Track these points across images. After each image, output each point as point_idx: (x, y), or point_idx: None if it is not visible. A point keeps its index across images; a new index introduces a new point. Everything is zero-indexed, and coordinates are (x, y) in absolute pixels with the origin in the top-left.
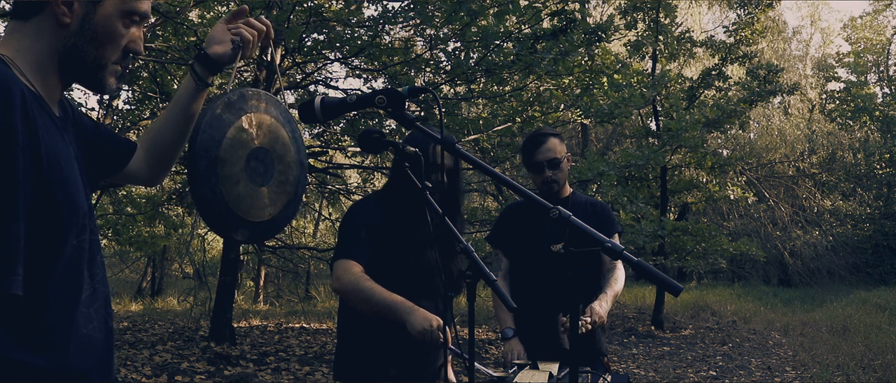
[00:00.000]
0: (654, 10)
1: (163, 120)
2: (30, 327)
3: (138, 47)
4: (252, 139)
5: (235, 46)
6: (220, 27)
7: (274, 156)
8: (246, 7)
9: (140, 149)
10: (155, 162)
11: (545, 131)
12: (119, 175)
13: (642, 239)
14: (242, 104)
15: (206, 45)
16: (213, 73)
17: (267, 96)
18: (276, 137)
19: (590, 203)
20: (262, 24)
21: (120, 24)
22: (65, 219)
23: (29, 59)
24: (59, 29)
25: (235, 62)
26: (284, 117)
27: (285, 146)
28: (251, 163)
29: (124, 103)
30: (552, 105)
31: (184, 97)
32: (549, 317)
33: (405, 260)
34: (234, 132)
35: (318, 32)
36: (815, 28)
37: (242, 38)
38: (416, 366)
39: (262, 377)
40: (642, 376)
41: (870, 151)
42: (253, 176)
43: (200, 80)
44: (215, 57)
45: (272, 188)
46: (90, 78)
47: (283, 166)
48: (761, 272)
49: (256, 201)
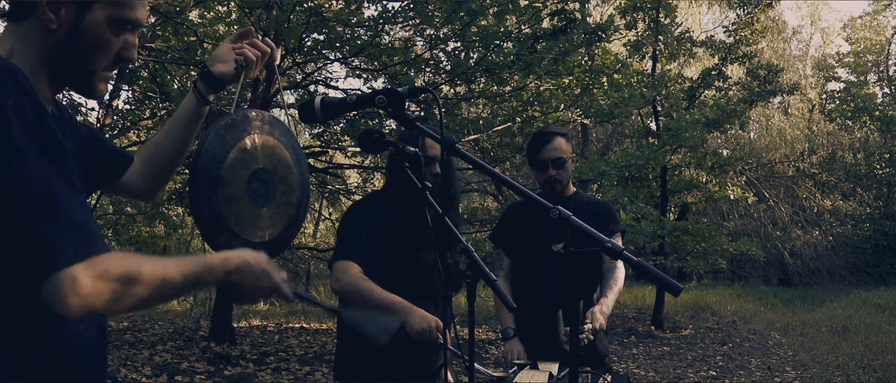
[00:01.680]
0: (654, 10)
1: (162, 135)
2: (25, 327)
3: (130, 55)
4: (254, 160)
5: (239, 66)
6: (226, 46)
7: (276, 178)
8: (252, 28)
9: (137, 163)
10: (151, 176)
11: (552, 130)
12: (114, 186)
13: (642, 239)
14: (246, 125)
15: (210, 63)
16: (215, 91)
17: (270, 117)
18: (278, 159)
19: (593, 202)
20: (266, 46)
21: (110, 32)
22: None
23: (22, 61)
24: (47, 34)
25: (238, 81)
26: (287, 139)
27: (288, 168)
28: (253, 184)
29: (124, 103)
30: (552, 105)
31: (185, 113)
32: (549, 317)
33: (405, 260)
34: (237, 153)
35: (318, 32)
36: (815, 28)
37: (246, 58)
38: (416, 367)
39: (262, 377)
40: (642, 376)
41: (870, 151)
42: (254, 197)
43: (202, 97)
44: (218, 75)
45: (274, 209)
46: (79, 84)
47: (285, 187)
48: (761, 272)
49: (257, 222)
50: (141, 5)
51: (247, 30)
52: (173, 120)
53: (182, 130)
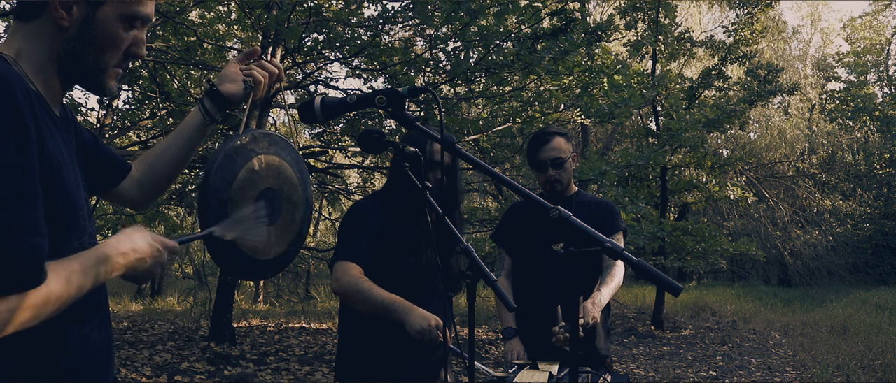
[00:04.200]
0: (654, 10)
1: (164, 147)
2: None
3: (140, 51)
4: (262, 180)
5: (247, 87)
6: (233, 66)
7: (282, 197)
8: (258, 48)
9: (134, 172)
10: (149, 187)
11: (551, 130)
12: (109, 193)
13: (642, 239)
14: (253, 145)
15: (218, 82)
16: (222, 110)
17: (277, 137)
18: (284, 178)
19: (594, 202)
20: (273, 66)
21: (120, 28)
22: (64, 220)
23: (30, 60)
24: (59, 32)
25: (247, 102)
26: (292, 157)
27: (293, 187)
28: (260, 204)
29: (124, 103)
30: (552, 105)
31: (189, 128)
32: (549, 317)
33: (405, 260)
34: (245, 173)
35: (318, 32)
36: (815, 28)
37: (254, 79)
38: (417, 366)
39: (262, 377)
40: (642, 376)
41: (870, 151)
42: (261, 216)
43: (208, 115)
44: (227, 95)
45: (280, 227)
46: (90, 81)
47: (291, 206)
48: (761, 272)
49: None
50: (149, 0)
51: (253, 50)
52: (176, 134)
53: (184, 145)
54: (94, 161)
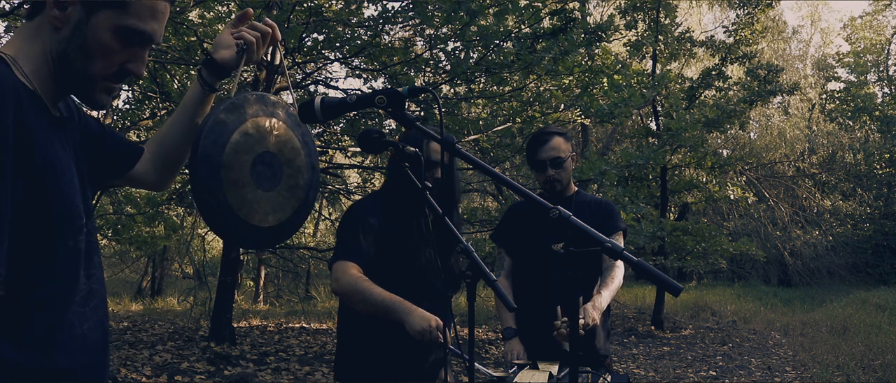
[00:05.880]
0: (654, 10)
1: (169, 125)
2: (17, 326)
3: (137, 69)
4: (257, 143)
5: (240, 50)
6: (226, 32)
7: (282, 161)
8: (250, 11)
9: (147, 154)
10: (162, 166)
11: (550, 129)
12: (125, 178)
13: (642, 239)
14: (246, 107)
15: (213, 50)
16: (220, 78)
17: (273, 99)
18: (283, 141)
19: (594, 202)
20: (266, 25)
21: (114, 40)
22: (58, 220)
23: (29, 59)
24: (53, 32)
25: (240, 66)
26: (292, 120)
27: (295, 150)
28: (257, 168)
29: (124, 103)
30: (552, 105)
31: (190, 102)
32: (549, 317)
33: (405, 260)
34: (238, 137)
35: (318, 32)
36: (815, 28)
37: (246, 41)
38: (417, 366)
39: (262, 377)
40: (642, 376)
41: (870, 151)
42: (259, 180)
43: (207, 85)
44: (221, 61)
45: (281, 193)
46: (79, 89)
47: (292, 170)
48: (761, 272)
49: (264, 206)
50: (154, 18)
51: (245, 12)
52: (180, 109)
53: (188, 118)
54: (104, 149)
